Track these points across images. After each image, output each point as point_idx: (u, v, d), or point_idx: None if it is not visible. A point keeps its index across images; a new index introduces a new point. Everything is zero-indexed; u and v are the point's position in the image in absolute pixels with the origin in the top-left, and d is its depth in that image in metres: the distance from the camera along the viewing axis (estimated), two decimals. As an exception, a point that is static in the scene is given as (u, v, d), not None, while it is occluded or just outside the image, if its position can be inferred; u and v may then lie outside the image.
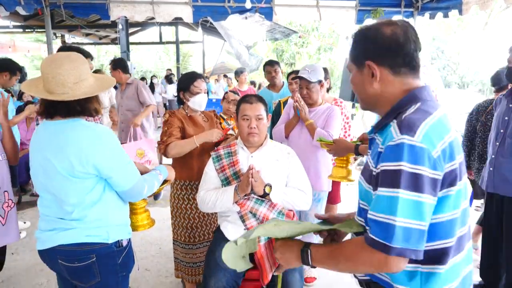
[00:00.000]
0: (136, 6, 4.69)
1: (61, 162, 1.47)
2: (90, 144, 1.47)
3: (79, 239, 1.52)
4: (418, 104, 1.07)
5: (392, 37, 1.07)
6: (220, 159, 2.13)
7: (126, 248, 1.65)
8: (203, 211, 2.18)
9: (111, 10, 4.61)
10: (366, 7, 5.08)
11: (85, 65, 1.53)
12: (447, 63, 18.65)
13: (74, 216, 1.52)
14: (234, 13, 4.87)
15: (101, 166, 1.49)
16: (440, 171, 0.98)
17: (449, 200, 1.02)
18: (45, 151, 1.50)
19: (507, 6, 4.46)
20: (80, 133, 1.49)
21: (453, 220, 1.04)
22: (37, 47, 14.45)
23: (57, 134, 1.50)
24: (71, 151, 1.46)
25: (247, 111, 2.08)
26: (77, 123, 1.53)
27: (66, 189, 1.49)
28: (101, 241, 1.55)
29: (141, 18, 4.77)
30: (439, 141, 0.99)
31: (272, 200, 2.00)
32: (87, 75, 1.53)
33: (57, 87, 1.46)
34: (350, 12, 5.12)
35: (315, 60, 12.16)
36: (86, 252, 1.53)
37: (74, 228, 1.52)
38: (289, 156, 2.15)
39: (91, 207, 1.53)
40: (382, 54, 1.08)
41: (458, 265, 1.08)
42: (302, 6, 5.10)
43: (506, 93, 2.54)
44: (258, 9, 4.86)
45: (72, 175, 1.48)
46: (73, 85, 1.47)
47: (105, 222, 1.57)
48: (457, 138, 1.05)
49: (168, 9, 4.76)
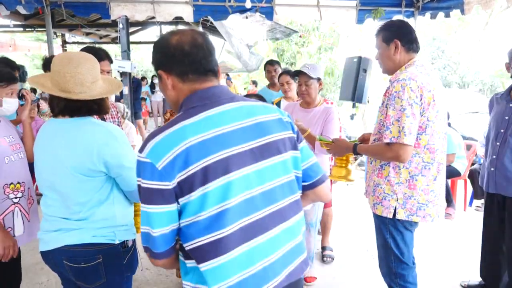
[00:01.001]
0: (137, 5, 4.68)
1: (71, 159, 1.46)
2: (103, 141, 1.47)
3: (86, 239, 1.50)
4: (181, 112, 1.12)
5: (177, 46, 1.12)
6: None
7: (131, 248, 1.64)
8: None
9: (111, 10, 4.60)
10: (367, 7, 5.06)
11: (98, 65, 1.54)
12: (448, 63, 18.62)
13: (81, 216, 1.50)
14: (234, 13, 4.87)
15: (112, 164, 1.48)
16: (169, 181, 1.03)
17: (208, 198, 1.04)
18: (54, 148, 1.49)
19: (508, 6, 4.46)
20: (92, 130, 1.49)
21: (221, 213, 1.05)
22: (37, 46, 14.43)
23: (67, 131, 1.49)
24: (82, 148, 1.45)
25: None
26: (87, 120, 1.52)
27: (75, 187, 1.48)
28: (108, 241, 1.53)
29: (141, 17, 4.77)
30: (166, 153, 1.03)
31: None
32: (99, 76, 1.55)
33: (76, 86, 1.46)
34: (351, 12, 5.11)
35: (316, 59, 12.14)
36: (92, 252, 1.51)
37: (81, 228, 1.51)
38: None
39: (98, 206, 1.52)
40: (169, 63, 1.13)
41: (233, 261, 1.06)
42: (302, 5, 5.10)
43: (504, 93, 2.53)
44: (259, 9, 4.85)
45: (82, 173, 1.46)
46: (91, 84, 1.48)
47: (112, 222, 1.55)
48: (197, 144, 1.04)
49: (168, 8, 4.75)
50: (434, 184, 1.96)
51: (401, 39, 2.00)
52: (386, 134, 1.87)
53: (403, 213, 1.95)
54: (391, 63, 2.05)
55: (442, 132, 1.96)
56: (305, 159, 1.25)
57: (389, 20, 2.17)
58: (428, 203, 1.96)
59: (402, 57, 2.02)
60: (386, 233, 2.04)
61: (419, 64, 1.98)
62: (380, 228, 2.07)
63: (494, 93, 2.72)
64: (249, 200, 1.09)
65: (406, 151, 1.84)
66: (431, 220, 1.98)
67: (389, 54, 2.03)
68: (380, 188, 2.00)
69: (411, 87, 1.84)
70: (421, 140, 1.90)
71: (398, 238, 2.02)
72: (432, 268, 3.14)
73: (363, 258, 3.36)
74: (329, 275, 3.06)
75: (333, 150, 2.31)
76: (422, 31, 15.69)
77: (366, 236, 3.70)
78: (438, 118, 1.92)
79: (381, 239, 2.09)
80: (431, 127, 1.90)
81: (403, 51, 2.01)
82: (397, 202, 1.95)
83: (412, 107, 1.83)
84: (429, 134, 1.90)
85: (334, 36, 12.19)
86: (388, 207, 1.97)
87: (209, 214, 1.04)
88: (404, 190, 1.94)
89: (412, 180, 1.94)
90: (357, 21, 5.14)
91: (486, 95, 14.92)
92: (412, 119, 1.83)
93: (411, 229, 2.04)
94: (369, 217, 2.25)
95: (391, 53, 2.02)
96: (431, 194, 1.96)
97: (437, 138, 1.93)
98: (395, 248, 2.03)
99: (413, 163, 1.92)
